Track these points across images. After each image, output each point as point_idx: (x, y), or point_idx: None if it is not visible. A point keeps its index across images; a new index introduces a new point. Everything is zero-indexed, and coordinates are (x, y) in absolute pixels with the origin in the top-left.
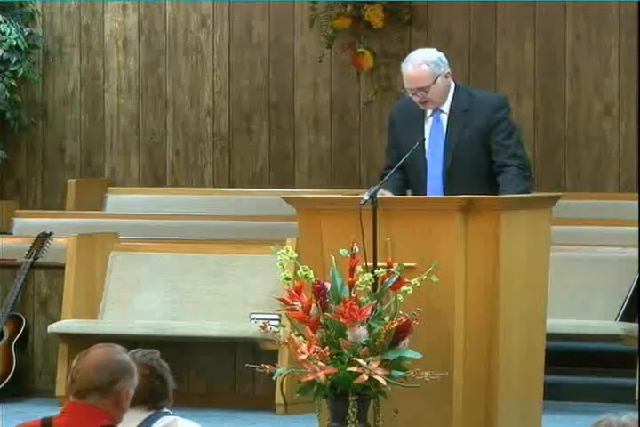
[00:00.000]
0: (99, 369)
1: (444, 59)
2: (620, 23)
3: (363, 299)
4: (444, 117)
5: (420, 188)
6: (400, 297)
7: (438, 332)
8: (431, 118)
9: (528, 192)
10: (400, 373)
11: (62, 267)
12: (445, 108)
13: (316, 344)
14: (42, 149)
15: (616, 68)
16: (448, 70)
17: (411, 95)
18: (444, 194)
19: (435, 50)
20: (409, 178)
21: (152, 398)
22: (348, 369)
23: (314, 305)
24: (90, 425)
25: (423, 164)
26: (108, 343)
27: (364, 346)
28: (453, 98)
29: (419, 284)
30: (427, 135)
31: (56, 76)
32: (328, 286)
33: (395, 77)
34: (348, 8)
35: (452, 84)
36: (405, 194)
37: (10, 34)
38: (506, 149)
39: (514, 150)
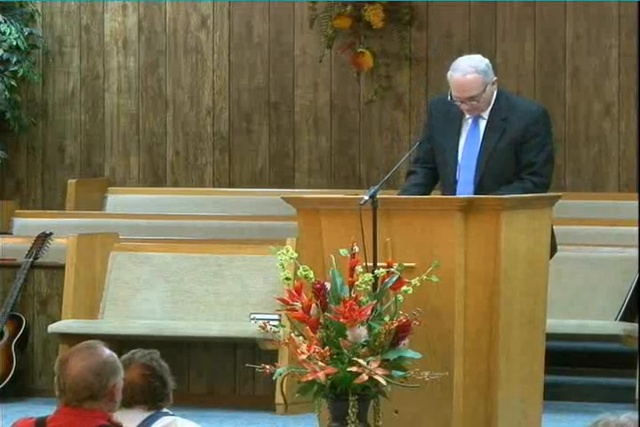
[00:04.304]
0: (86, 378)
1: (490, 65)
2: (620, 23)
3: (363, 299)
4: (483, 123)
5: (449, 190)
6: (400, 297)
7: (438, 332)
8: (470, 120)
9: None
10: (400, 373)
11: (62, 267)
12: (485, 114)
13: (316, 344)
14: (42, 149)
15: (616, 68)
16: (495, 78)
17: (458, 103)
18: None
19: (480, 56)
20: (440, 178)
21: (152, 398)
22: (348, 369)
23: (314, 305)
24: (86, 426)
25: (454, 167)
26: (84, 344)
27: (364, 346)
28: (494, 104)
29: (419, 284)
30: (462, 138)
31: (56, 76)
32: (328, 285)
33: (395, 77)
34: (348, 8)
35: (495, 91)
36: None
37: (10, 34)
38: (532, 166)
39: (537, 168)
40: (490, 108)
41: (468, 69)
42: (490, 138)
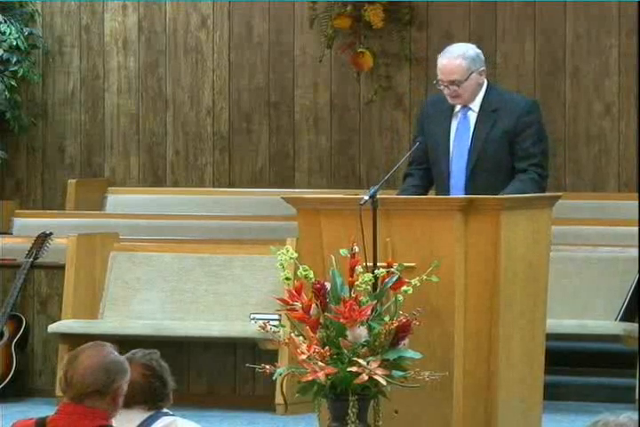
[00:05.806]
0: (95, 372)
1: (482, 56)
2: (620, 23)
3: (363, 299)
4: (473, 115)
5: (442, 184)
6: (400, 297)
7: (438, 332)
8: (459, 114)
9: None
10: (400, 373)
11: (62, 267)
12: (475, 106)
13: (316, 344)
14: (42, 149)
15: (616, 68)
16: (483, 68)
17: (442, 88)
18: (466, 192)
19: (474, 46)
20: (433, 174)
21: (152, 398)
22: (348, 369)
23: (314, 305)
24: (87, 426)
25: (447, 161)
26: (96, 342)
27: (364, 346)
28: (484, 97)
29: (419, 284)
30: (453, 132)
31: (56, 76)
32: (328, 285)
33: (395, 77)
34: (348, 8)
35: (485, 83)
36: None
37: (10, 34)
38: (530, 156)
39: (539, 160)
40: (480, 100)
41: (456, 54)
42: (481, 129)
